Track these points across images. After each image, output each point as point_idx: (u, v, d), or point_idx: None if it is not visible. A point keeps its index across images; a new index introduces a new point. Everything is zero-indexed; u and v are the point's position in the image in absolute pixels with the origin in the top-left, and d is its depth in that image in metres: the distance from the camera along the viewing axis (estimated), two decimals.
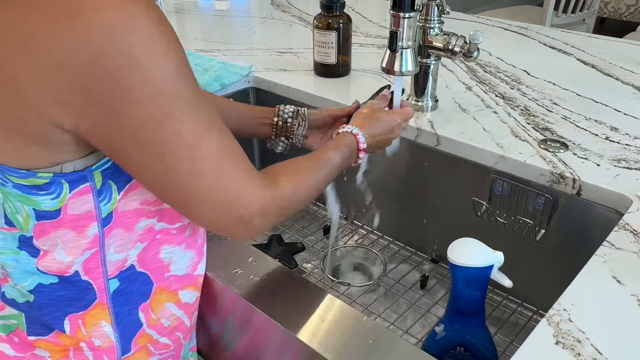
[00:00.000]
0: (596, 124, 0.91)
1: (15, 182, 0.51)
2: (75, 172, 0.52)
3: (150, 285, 0.63)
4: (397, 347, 0.57)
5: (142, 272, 0.62)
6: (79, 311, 0.59)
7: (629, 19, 3.95)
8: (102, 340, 0.61)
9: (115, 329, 0.61)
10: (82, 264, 0.57)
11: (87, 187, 0.53)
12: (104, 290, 0.59)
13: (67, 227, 0.54)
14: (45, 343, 0.60)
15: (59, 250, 0.55)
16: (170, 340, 0.67)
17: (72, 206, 0.53)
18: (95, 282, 0.58)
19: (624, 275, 0.60)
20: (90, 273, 0.58)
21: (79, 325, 0.59)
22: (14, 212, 0.53)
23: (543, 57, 1.22)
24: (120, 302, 0.61)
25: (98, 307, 0.59)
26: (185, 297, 0.67)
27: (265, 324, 0.64)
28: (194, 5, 1.75)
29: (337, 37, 1.09)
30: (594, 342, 0.52)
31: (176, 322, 0.67)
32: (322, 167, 0.67)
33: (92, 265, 0.57)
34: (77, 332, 0.60)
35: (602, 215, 0.77)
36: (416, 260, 1.04)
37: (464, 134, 0.89)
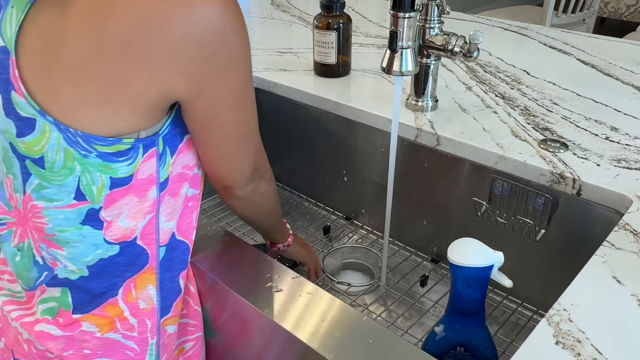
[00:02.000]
0: (596, 124, 0.91)
1: (101, 150, 0.54)
2: (148, 137, 0.56)
3: (188, 255, 0.67)
4: (397, 347, 0.57)
5: (182, 241, 0.66)
6: (134, 275, 0.63)
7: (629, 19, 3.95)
8: (146, 302, 0.64)
9: (159, 292, 0.65)
10: (141, 229, 0.60)
11: (154, 151, 0.57)
12: (155, 256, 0.63)
13: (133, 193, 0.58)
14: (92, 317, 0.62)
15: (123, 219, 0.59)
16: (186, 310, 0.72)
17: (142, 171, 0.57)
18: (149, 248, 0.62)
19: (624, 275, 0.60)
20: (144, 239, 0.61)
21: (131, 288, 0.63)
22: (90, 183, 0.56)
23: (543, 57, 1.22)
24: (164, 268, 0.65)
25: (148, 272, 0.63)
26: None
27: (265, 324, 0.64)
28: None
29: (337, 37, 1.09)
30: (594, 342, 0.52)
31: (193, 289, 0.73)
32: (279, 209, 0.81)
33: (148, 231, 0.61)
34: (127, 295, 0.63)
35: (602, 215, 0.77)
36: (416, 260, 1.04)
37: (464, 134, 0.89)
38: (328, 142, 1.09)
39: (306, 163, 1.18)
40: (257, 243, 1.00)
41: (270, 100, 1.15)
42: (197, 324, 0.74)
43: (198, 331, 0.74)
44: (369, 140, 1.02)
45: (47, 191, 0.56)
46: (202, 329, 0.75)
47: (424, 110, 0.98)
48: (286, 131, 1.18)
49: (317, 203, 1.21)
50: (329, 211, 1.18)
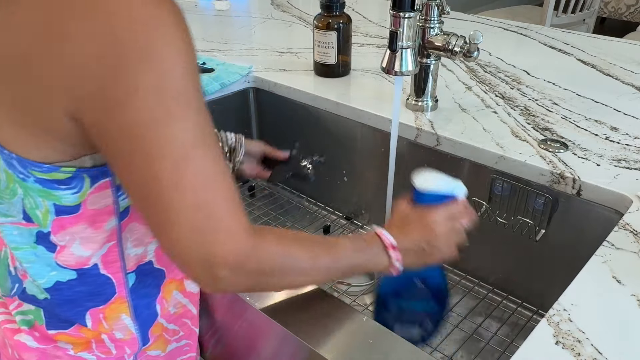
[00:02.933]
0: (596, 124, 0.91)
1: (38, 176, 0.51)
2: (96, 167, 0.52)
3: (163, 279, 0.65)
4: (397, 347, 0.57)
5: (160, 269, 0.63)
6: (100, 305, 0.60)
7: (629, 19, 3.95)
8: (123, 332, 0.62)
9: (135, 321, 0.62)
10: (100, 257, 0.58)
11: (107, 182, 0.53)
12: (123, 285, 0.60)
13: (85, 222, 0.55)
14: (67, 336, 0.61)
15: (77, 246, 0.56)
16: (177, 326, 0.69)
17: (92, 201, 0.54)
18: (114, 277, 0.59)
19: (624, 275, 0.60)
20: (108, 267, 0.58)
21: (100, 319, 0.61)
22: (34, 207, 0.54)
23: (543, 57, 1.22)
24: (140, 295, 0.62)
25: (118, 301, 0.61)
26: (190, 286, 0.68)
27: (265, 324, 0.64)
28: (194, 5, 1.75)
29: (337, 37, 1.09)
30: (594, 342, 0.52)
31: (182, 310, 0.69)
32: (327, 247, 0.57)
33: (111, 259, 0.58)
34: (98, 325, 0.61)
35: (602, 215, 0.77)
36: None
37: (464, 134, 0.89)
38: (328, 142, 1.09)
39: None
40: None
41: (270, 100, 1.15)
42: (192, 344, 0.73)
43: (192, 351, 0.73)
44: (369, 140, 1.02)
45: (2, 206, 0.55)
46: (197, 348, 0.74)
47: (424, 110, 0.98)
48: (286, 131, 1.18)
49: (317, 203, 1.20)
50: (329, 211, 1.18)
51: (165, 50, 0.44)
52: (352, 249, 0.58)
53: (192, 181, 0.46)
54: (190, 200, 0.46)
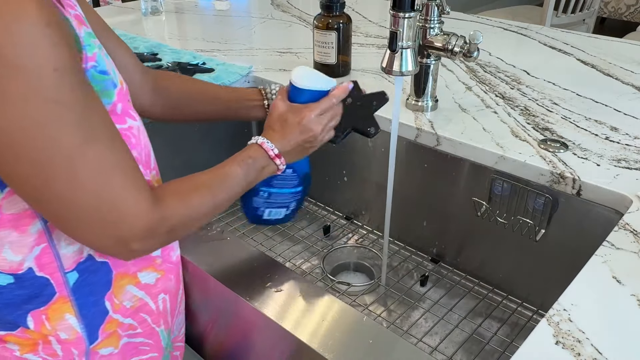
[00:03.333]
0: (596, 124, 0.91)
1: None
2: None
3: (111, 274, 0.63)
4: (397, 347, 0.57)
5: (103, 262, 0.62)
6: (41, 307, 0.59)
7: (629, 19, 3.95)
8: (67, 333, 0.61)
9: (81, 320, 0.61)
10: (34, 260, 0.57)
11: None
12: (63, 284, 0.59)
13: (8, 228, 0.54)
14: (14, 337, 0.60)
15: (7, 250, 0.55)
16: (135, 321, 0.67)
17: (7, 206, 0.53)
18: (52, 277, 0.58)
19: (624, 275, 0.60)
20: (45, 269, 0.57)
21: (43, 320, 0.60)
22: None
23: (543, 57, 1.22)
24: (84, 293, 0.61)
25: (60, 301, 0.59)
26: (145, 279, 0.67)
27: (265, 323, 0.64)
28: (194, 5, 1.75)
29: (337, 37, 1.09)
30: (594, 342, 0.52)
31: (139, 303, 0.67)
32: (220, 182, 0.63)
33: (46, 261, 0.57)
34: (41, 327, 0.60)
35: (602, 215, 0.77)
36: (416, 260, 1.04)
37: (464, 134, 0.89)
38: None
39: None
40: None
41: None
42: (152, 344, 0.70)
43: (154, 351, 0.71)
44: (369, 141, 1.02)
45: None
46: (162, 350, 0.72)
47: (424, 110, 0.98)
48: None
49: (317, 203, 1.21)
50: (329, 211, 1.18)
51: (29, 54, 0.44)
52: (243, 173, 0.64)
53: (85, 177, 0.48)
54: (87, 197, 0.49)
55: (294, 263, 1.04)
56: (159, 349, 0.71)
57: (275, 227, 1.13)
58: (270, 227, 1.13)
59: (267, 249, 1.07)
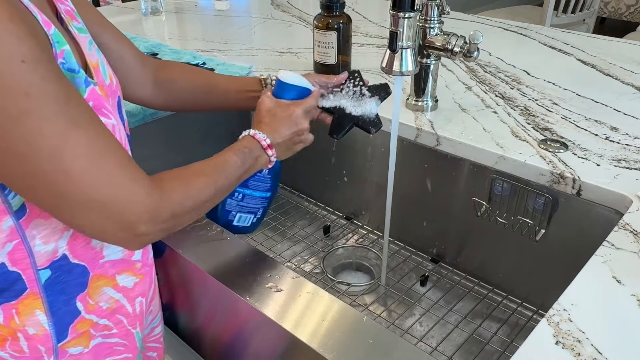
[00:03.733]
0: (596, 124, 0.91)
1: None
2: None
3: (87, 276, 0.63)
4: (397, 347, 0.57)
5: (78, 264, 0.61)
6: (11, 300, 0.59)
7: (629, 19, 3.95)
8: (36, 328, 0.61)
9: (50, 317, 0.61)
10: (7, 255, 0.56)
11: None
12: (35, 281, 0.59)
13: None
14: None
15: None
16: (111, 322, 0.67)
17: None
18: (24, 273, 0.58)
19: (624, 275, 0.60)
20: (17, 264, 0.57)
21: (13, 314, 0.60)
22: None
23: (543, 57, 1.22)
24: (56, 291, 0.60)
25: (31, 297, 0.59)
26: (123, 282, 0.67)
27: (265, 323, 0.64)
28: (194, 5, 1.75)
29: (337, 37, 1.09)
30: (594, 342, 0.52)
31: (115, 305, 0.67)
32: (220, 169, 0.63)
33: (19, 257, 0.57)
34: (10, 321, 0.60)
35: (602, 215, 0.77)
36: (416, 260, 1.04)
37: (464, 134, 0.89)
38: (328, 142, 1.09)
39: (306, 163, 1.18)
40: None
41: None
42: (127, 345, 0.69)
43: (128, 352, 0.70)
44: (369, 140, 1.02)
45: None
46: (136, 350, 0.72)
47: (424, 110, 0.98)
48: None
49: (317, 203, 1.20)
50: (329, 211, 1.18)
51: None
52: (240, 161, 0.66)
53: (80, 162, 0.48)
54: (81, 184, 0.48)
55: (294, 263, 1.04)
56: (133, 350, 0.71)
57: (275, 227, 1.13)
58: (270, 227, 1.13)
59: (267, 249, 1.07)
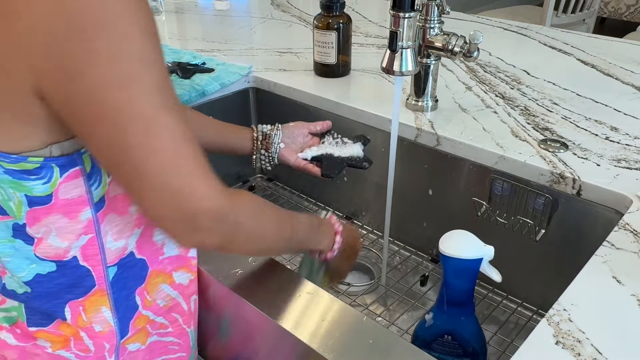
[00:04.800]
0: (596, 124, 0.91)
1: (7, 167, 0.51)
2: (64, 156, 0.52)
3: (147, 270, 0.64)
4: (397, 347, 0.57)
5: (140, 259, 0.63)
6: (79, 297, 0.60)
7: (629, 19, 3.95)
8: (102, 325, 0.62)
9: (115, 314, 0.62)
10: (80, 249, 0.57)
11: (77, 171, 0.53)
12: (103, 278, 0.60)
13: (59, 213, 0.54)
14: (46, 334, 0.61)
15: (53, 237, 0.56)
16: (167, 321, 0.68)
17: (64, 190, 0.53)
18: (94, 269, 0.59)
19: (624, 275, 0.60)
20: (89, 260, 0.58)
21: (80, 312, 0.60)
22: (6, 199, 0.53)
23: (543, 57, 1.22)
24: (119, 288, 0.61)
25: (98, 294, 0.60)
26: (180, 279, 0.67)
27: (265, 323, 0.64)
28: (194, 5, 1.75)
29: (337, 37, 1.09)
30: (594, 342, 0.52)
31: (171, 303, 0.68)
32: (288, 214, 0.64)
33: (91, 252, 0.58)
34: (77, 319, 0.60)
35: (602, 215, 0.77)
36: (416, 260, 1.04)
37: (464, 134, 0.89)
38: None
39: None
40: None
41: (270, 100, 1.15)
42: (182, 344, 0.71)
43: (182, 351, 0.71)
44: None
45: None
46: (190, 349, 0.72)
47: (424, 110, 0.98)
48: None
49: (317, 203, 1.20)
50: (329, 211, 1.18)
51: (117, 13, 0.44)
52: (309, 225, 0.67)
53: (164, 142, 0.47)
54: (160, 164, 0.47)
55: (294, 263, 1.04)
56: (187, 349, 0.72)
57: None
58: None
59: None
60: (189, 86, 1.08)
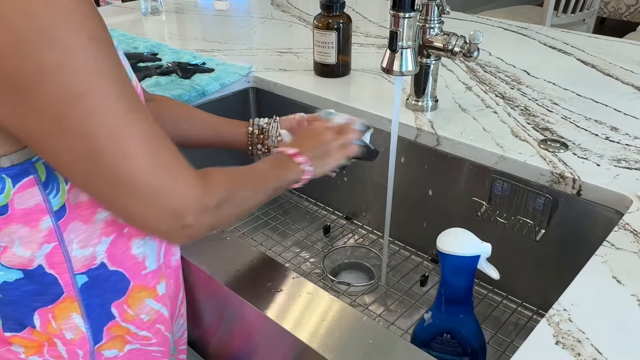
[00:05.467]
0: (596, 124, 0.91)
1: None
2: (14, 166, 0.50)
3: (127, 284, 0.62)
4: (397, 347, 0.57)
5: (116, 271, 0.61)
6: (47, 305, 0.59)
7: (629, 19, 3.95)
8: (73, 332, 0.61)
9: (86, 320, 0.61)
10: (44, 258, 0.56)
11: (32, 180, 0.52)
12: (71, 285, 0.59)
13: (19, 222, 0.54)
14: (20, 339, 0.60)
15: (17, 246, 0.55)
16: (151, 333, 0.67)
17: (19, 201, 0.52)
18: (61, 277, 0.58)
19: (624, 275, 0.60)
20: (55, 267, 0.57)
21: (49, 319, 0.59)
22: None
23: (543, 57, 1.22)
24: (91, 295, 0.60)
25: (67, 301, 0.59)
26: (162, 289, 0.67)
27: (265, 323, 0.64)
28: (194, 5, 1.75)
29: (337, 37, 1.09)
30: (594, 342, 0.52)
31: (155, 316, 0.67)
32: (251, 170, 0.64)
33: (56, 260, 0.57)
34: (47, 326, 0.59)
35: (602, 215, 0.77)
36: (416, 260, 1.04)
37: (464, 134, 0.89)
38: None
39: None
40: None
41: (270, 100, 1.15)
42: (164, 350, 0.70)
43: (164, 357, 0.71)
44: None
45: None
46: (169, 355, 0.72)
47: (424, 110, 0.98)
48: None
49: (317, 203, 1.20)
50: (329, 211, 1.18)
51: (62, 24, 0.43)
52: (271, 169, 0.66)
53: (132, 148, 0.47)
54: (137, 167, 0.47)
55: (294, 263, 1.04)
56: (167, 354, 0.71)
57: (275, 227, 1.13)
58: (270, 227, 1.13)
59: (267, 249, 1.07)
60: (189, 86, 1.08)
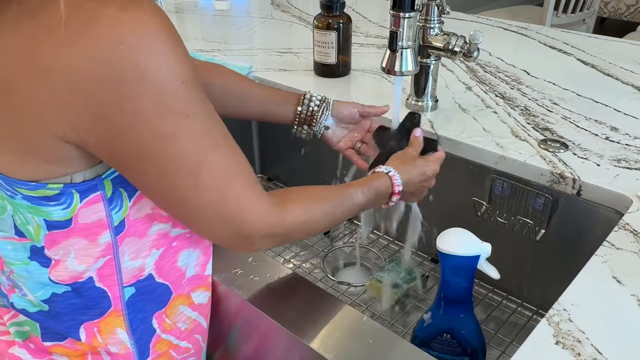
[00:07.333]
0: (596, 124, 0.91)
1: (25, 194, 0.51)
2: (85, 182, 0.52)
3: (170, 296, 0.63)
4: (397, 347, 0.57)
5: (162, 283, 0.62)
6: (94, 319, 0.59)
7: (629, 19, 3.95)
8: (118, 347, 0.61)
9: (131, 335, 0.61)
10: (96, 271, 0.57)
11: (98, 196, 0.53)
12: (119, 298, 0.59)
13: (78, 236, 0.54)
14: (62, 348, 0.60)
15: (71, 259, 0.55)
16: (190, 344, 0.67)
17: (83, 215, 0.53)
18: (110, 290, 0.58)
19: (624, 275, 0.60)
20: (104, 280, 0.57)
21: (95, 333, 0.59)
22: (24, 222, 0.53)
23: (543, 57, 1.22)
24: (135, 309, 0.61)
25: (113, 315, 0.59)
26: (198, 298, 0.67)
27: (265, 323, 0.64)
28: (194, 5, 1.75)
29: (337, 37, 1.09)
30: (594, 342, 0.52)
31: (192, 325, 0.67)
32: (342, 202, 0.63)
33: (107, 273, 0.57)
34: (92, 339, 0.59)
35: (602, 215, 0.77)
36: (416, 260, 1.04)
37: (464, 134, 0.89)
38: None
39: (306, 163, 1.18)
40: None
41: None
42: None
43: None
44: None
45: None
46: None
47: (424, 110, 0.98)
48: (286, 131, 1.18)
49: None
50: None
51: (156, 66, 0.44)
52: (363, 198, 0.65)
53: (210, 181, 0.50)
54: (212, 197, 0.50)
55: (294, 263, 1.04)
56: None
57: None
58: None
59: (267, 249, 1.07)
60: None
